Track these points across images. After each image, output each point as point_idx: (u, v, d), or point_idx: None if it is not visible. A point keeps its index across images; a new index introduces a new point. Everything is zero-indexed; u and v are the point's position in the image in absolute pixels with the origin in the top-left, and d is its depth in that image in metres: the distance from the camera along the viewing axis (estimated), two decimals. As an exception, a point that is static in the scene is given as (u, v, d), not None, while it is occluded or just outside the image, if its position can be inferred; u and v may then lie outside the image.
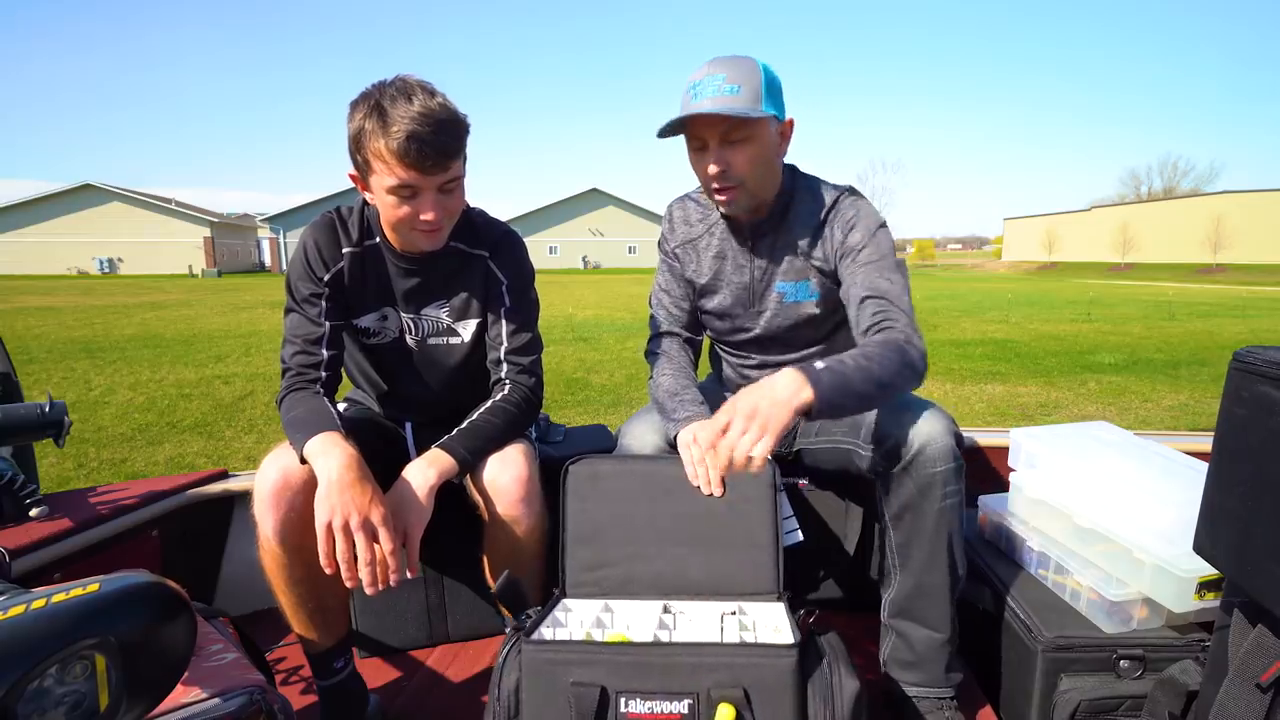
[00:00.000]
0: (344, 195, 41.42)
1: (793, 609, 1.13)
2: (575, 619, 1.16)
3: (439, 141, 1.16)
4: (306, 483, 1.20)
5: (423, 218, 1.23)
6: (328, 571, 1.11)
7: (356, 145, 1.20)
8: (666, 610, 1.18)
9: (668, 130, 1.32)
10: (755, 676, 0.95)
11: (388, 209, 1.24)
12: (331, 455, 1.12)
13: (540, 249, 47.31)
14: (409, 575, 1.16)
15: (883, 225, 1.39)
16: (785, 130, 1.37)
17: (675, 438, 1.30)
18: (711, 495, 1.22)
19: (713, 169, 1.32)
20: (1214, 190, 49.05)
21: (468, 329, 1.47)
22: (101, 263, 40.16)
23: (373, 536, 1.10)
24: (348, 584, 1.11)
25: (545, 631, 1.10)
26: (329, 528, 1.08)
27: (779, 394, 1.09)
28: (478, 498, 1.32)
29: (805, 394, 1.09)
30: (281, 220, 43.86)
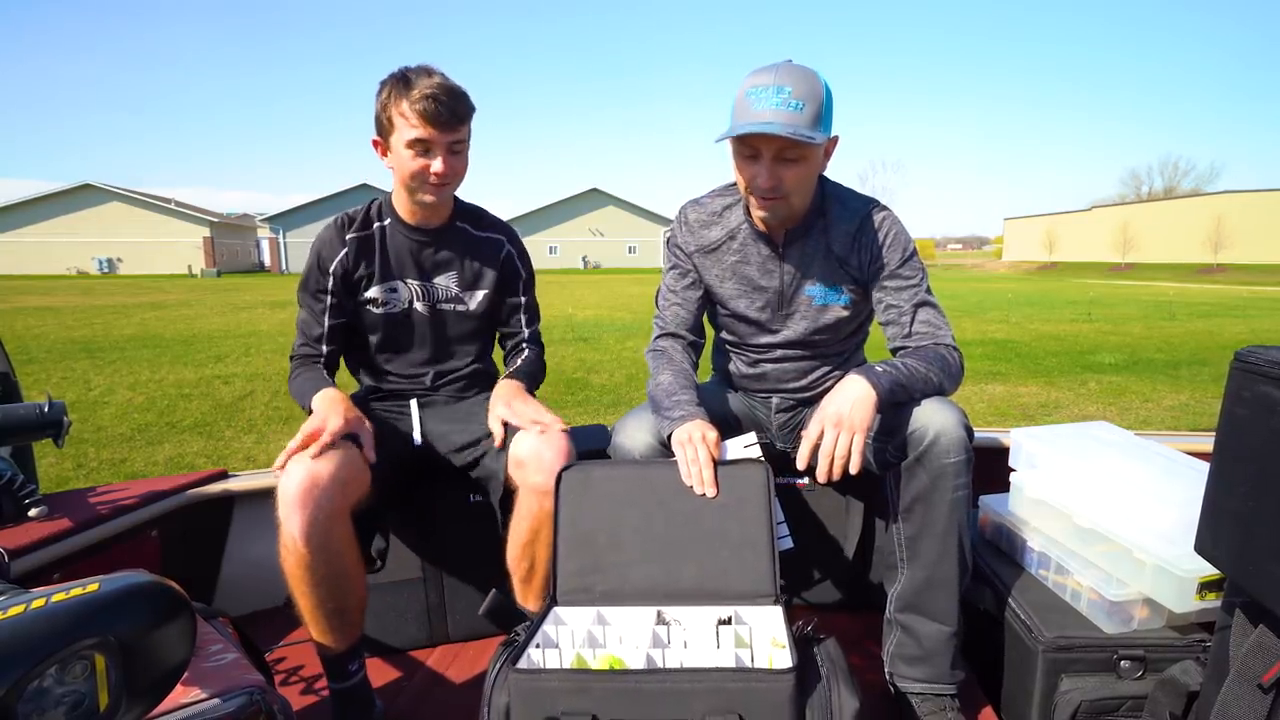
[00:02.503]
0: (344, 195, 41.39)
1: (790, 612, 1.12)
2: (566, 634, 1.14)
3: (452, 104, 1.40)
4: (331, 479, 1.25)
5: (434, 170, 1.43)
6: (279, 462, 1.26)
7: (383, 108, 1.42)
8: (661, 620, 1.16)
9: (726, 138, 1.32)
10: (751, 702, 0.93)
11: (404, 163, 1.44)
12: (328, 394, 1.40)
13: (540, 249, 47.20)
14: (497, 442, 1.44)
15: (911, 239, 1.48)
16: (830, 148, 1.39)
17: (669, 436, 1.30)
18: (705, 495, 1.21)
19: (764, 183, 1.33)
20: (1215, 190, 48.99)
21: (474, 299, 1.62)
22: (101, 263, 40.16)
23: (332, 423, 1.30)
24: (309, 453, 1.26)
25: (534, 653, 1.08)
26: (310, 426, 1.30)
27: (857, 395, 1.24)
28: (512, 471, 1.39)
29: (873, 393, 1.24)
30: (281, 220, 43.84)
